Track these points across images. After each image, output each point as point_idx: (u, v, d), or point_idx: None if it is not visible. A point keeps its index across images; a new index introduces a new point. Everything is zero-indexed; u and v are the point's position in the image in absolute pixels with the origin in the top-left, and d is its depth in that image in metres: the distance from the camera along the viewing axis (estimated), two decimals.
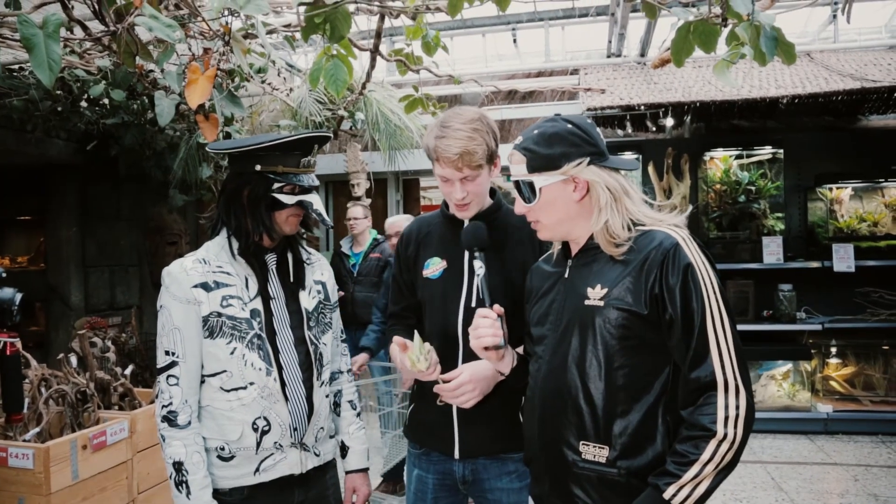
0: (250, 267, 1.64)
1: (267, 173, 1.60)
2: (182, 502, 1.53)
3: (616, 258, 1.37)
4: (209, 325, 1.57)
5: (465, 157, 1.62)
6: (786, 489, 3.96)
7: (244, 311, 1.60)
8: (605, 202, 1.38)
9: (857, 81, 4.61)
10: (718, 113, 5.29)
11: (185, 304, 1.56)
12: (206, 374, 1.60)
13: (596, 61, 6.14)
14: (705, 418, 1.24)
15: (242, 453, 1.59)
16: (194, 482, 1.53)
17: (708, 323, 1.27)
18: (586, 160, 1.39)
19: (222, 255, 1.64)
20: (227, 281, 1.61)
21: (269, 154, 1.60)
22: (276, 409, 1.61)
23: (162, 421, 1.56)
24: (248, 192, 1.63)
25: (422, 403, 1.84)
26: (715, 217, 5.42)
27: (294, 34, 3.52)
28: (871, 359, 5.22)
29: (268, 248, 1.68)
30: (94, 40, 2.76)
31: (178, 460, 1.53)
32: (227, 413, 1.59)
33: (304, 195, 1.64)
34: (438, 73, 4.13)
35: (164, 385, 1.57)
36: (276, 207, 1.63)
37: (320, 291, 1.80)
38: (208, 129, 3.04)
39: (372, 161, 5.78)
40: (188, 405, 1.57)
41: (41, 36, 1.62)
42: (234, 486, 1.60)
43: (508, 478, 1.75)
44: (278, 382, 1.61)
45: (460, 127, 1.64)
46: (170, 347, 1.57)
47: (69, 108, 4.24)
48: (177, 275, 1.58)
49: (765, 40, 1.83)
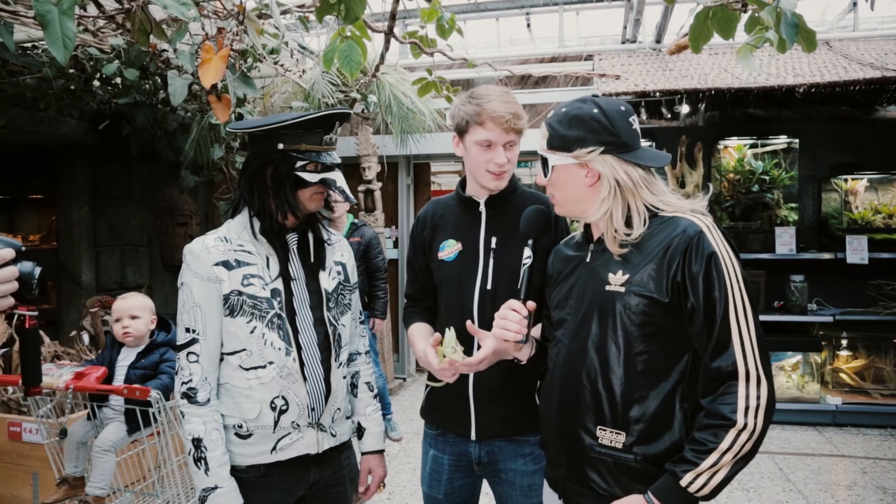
0: (272, 246, 1.64)
1: (290, 152, 1.60)
2: (200, 478, 1.54)
3: (638, 245, 1.35)
4: (230, 303, 1.57)
5: (515, 118, 1.66)
6: (793, 480, 3.95)
7: (265, 290, 1.60)
8: (608, 194, 1.37)
9: (877, 70, 4.53)
10: (733, 101, 5.23)
11: (206, 281, 1.56)
12: (226, 352, 1.61)
13: (610, 47, 6.08)
14: (725, 407, 1.24)
15: (260, 431, 1.60)
16: (213, 458, 1.54)
17: (731, 312, 1.25)
18: (600, 149, 1.37)
19: (244, 234, 1.64)
20: (248, 260, 1.61)
21: (291, 132, 1.59)
22: (295, 388, 1.62)
23: (181, 397, 1.57)
24: (271, 171, 1.62)
25: (438, 385, 1.84)
26: (727, 206, 5.38)
27: (308, 15, 3.49)
28: (881, 352, 5.18)
29: (289, 227, 1.68)
30: (107, 18, 2.76)
31: (196, 437, 1.54)
32: (245, 391, 1.59)
33: (327, 173, 1.64)
34: (452, 56, 4.09)
35: (183, 362, 1.58)
36: (299, 186, 1.62)
37: (340, 272, 1.79)
38: (220, 110, 3.03)
39: (384, 144, 5.76)
40: (208, 382, 1.58)
41: (56, 13, 1.61)
42: (251, 463, 1.61)
43: (524, 460, 1.76)
44: (297, 362, 1.62)
45: (501, 94, 1.68)
46: (190, 325, 1.57)
47: (82, 87, 4.24)
48: (198, 252, 1.58)
49: (785, 27, 1.80)
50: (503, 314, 1.47)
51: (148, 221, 5.77)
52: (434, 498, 1.86)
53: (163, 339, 2.70)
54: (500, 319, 1.47)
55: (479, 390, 1.73)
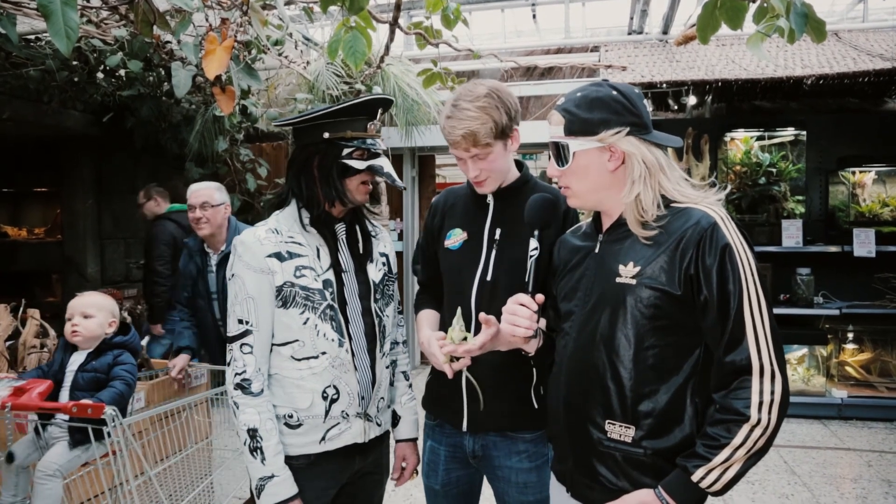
0: (322, 237, 1.66)
1: (336, 140, 1.61)
2: (256, 467, 1.55)
3: (649, 236, 1.33)
4: (283, 294, 1.59)
5: (468, 137, 1.61)
6: (798, 473, 3.94)
7: (317, 281, 1.62)
8: (640, 175, 1.33)
9: (887, 62, 4.49)
10: (741, 93, 5.18)
11: (259, 273, 1.57)
12: (276, 343, 1.62)
13: (617, 38, 6.04)
14: (739, 402, 1.22)
15: (310, 421, 1.62)
16: (268, 448, 1.55)
17: (745, 306, 1.23)
18: (626, 129, 1.33)
19: (294, 226, 1.65)
20: (299, 251, 1.62)
21: (335, 121, 1.60)
22: (346, 378, 1.63)
23: (235, 388, 1.58)
24: (317, 161, 1.63)
25: (437, 374, 1.84)
26: (734, 199, 5.34)
27: (312, 6, 3.47)
28: (888, 345, 5.16)
29: (337, 218, 1.70)
30: (111, 9, 2.74)
31: (252, 427, 1.55)
32: (296, 381, 1.61)
33: (374, 160, 1.64)
34: (457, 47, 4.06)
35: (237, 353, 1.59)
36: (346, 174, 1.63)
37: (385, 264, 1.81)
38: (225, 102, 3.02)
39: (388, 136, 5.73)
40: (261, 373, 1.59)
41: (58, 3, 1.60)
42: (300, 453, 1.63)
43: (518, 457, 1.74)
44: (349, 353, 1.64)
45: (467, 106, 1.61)
46: (243, 316, 1.58)
47: (85, 79, 4.23)
48: (251, 244, 1.59)
49: (794, 17, 1.78)
50: (512, 309, 1.42)
51: None
52: (432, 489, 1.87)
53: (119, 341, 2.45)
54: (508, 315, 1.42)
55: (471, 382, 1.72)
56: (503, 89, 1.68)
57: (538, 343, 1.55)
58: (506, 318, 1.43)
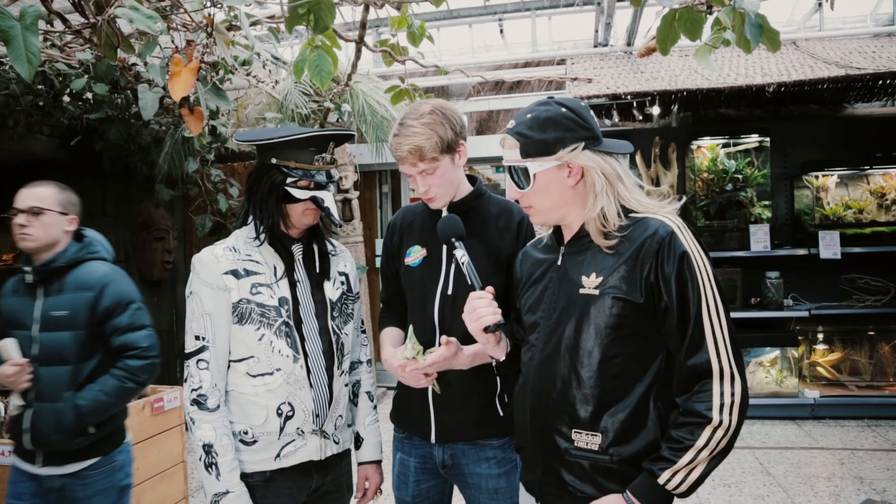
0: (278, 255, 1.68)
1: (281, 167, 1.63)
2: (212, 483, 1.56)
3: (610, 246, 1.35)
4: (238, 311, 1.61)
5: (415, 152, 1.66)
6: (773, 474, 4.00)
7: (273, 298, 1.64)
8: (601, 188, 1.36)
9: (841, 69, 4.62)
10: (705, 101, 5.30)
11: (216, 290, 1.60)
12: (233, 359, 1.64)
13: (583, 51, 6.13)
14: (701, 405, 1.25)
15: (265, 438, 1.63)
16: (223, 464, 1.57)
17: (703, 311, 1.27)
18: (581, 145, 1.36)
19: (252, 243, 1.67)
20: (256, 269, 1.65)
21: (283, 148, 1.63)
22: (301, 395, 1.65)
23: (191, 404, 1.59)
24: (264, 182, 1.66)
25: (403, 388, 1.86)
26: (702, 206, 5.44)
27: (278, 25, 3.48)
28: (857, 344, 5.27)
29: (294, 238, 1.72)
30: (74, 33, 2.72)
31: (207, 442, 1.57)
32: (251, 398, 1.62)
33: (318, 191, 1.66)
34: (424, 63, 4.10)
35: (193, 369, 1.60)
36: (289, 200, 1.66)
37: (343, 283, 1.84)
38: (193, 123, 3.00)
39: (359, 153, 5.75)
40: (217, 389, 1.61)
41: (19, 28, 1.58)
42: (256, 469, 1.64)
43: (487, 464, 1.78)
44: (304, 369, 1.65)
45: (412, 123, 1.67)
46: (200, 332, 1.60)
47: (51, 103, 4.17)
48: (208, 261, 1.62)
49: (749, 27, 1.83)
50: (471, 307, 1.48)
51: (124, 237, 5.68)
52: (403, 501, 1.88)
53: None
54: (470, 314, 1.48)
55: (437, 394, 1.75)
56: (447, 106, 1.73)
57: (507, 347, 1.59)
58: (469, 318, 1.48)
